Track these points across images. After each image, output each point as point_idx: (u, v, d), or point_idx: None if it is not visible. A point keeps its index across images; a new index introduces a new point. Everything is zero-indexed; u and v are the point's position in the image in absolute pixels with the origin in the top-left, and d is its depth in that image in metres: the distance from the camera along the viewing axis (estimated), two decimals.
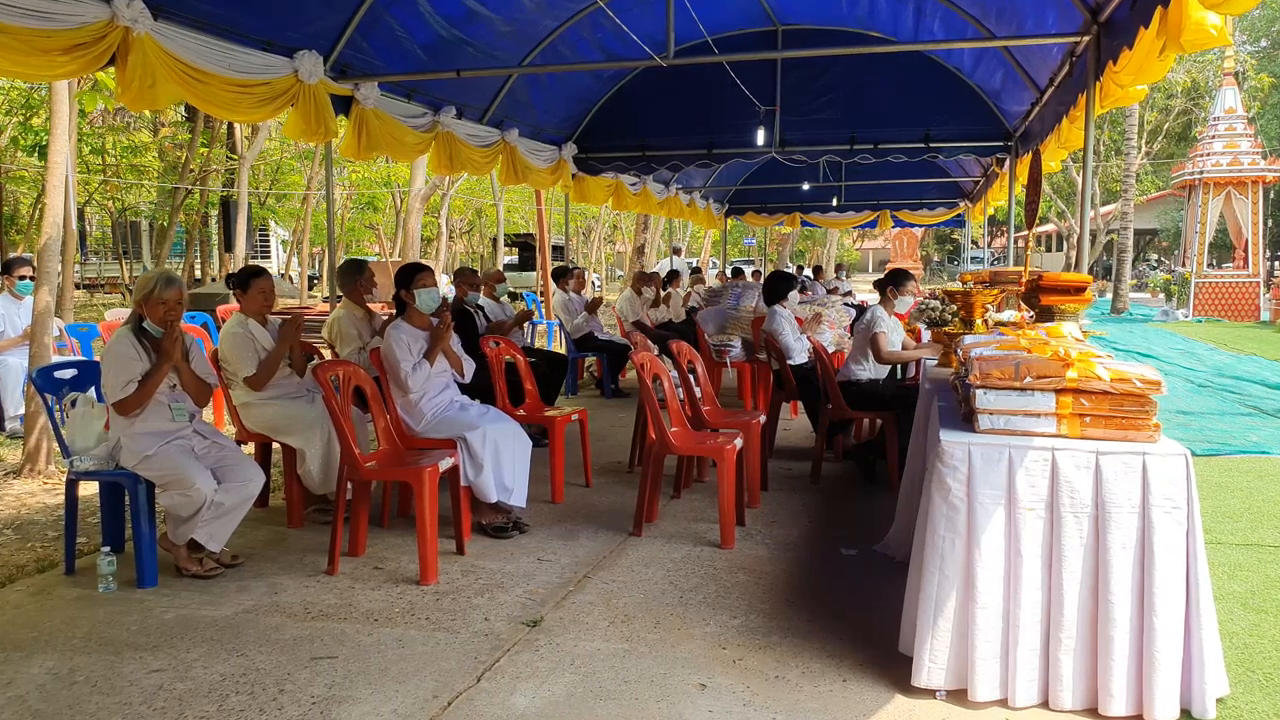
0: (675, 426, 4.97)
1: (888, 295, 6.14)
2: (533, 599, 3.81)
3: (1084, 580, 2.87)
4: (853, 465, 6.32)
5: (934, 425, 3.63)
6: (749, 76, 8.72)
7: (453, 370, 4.96)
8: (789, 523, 4.96)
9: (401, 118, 6.88)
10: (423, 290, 4.84)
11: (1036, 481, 2.89)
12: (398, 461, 4.30)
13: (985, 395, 3.02)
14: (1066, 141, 6.03)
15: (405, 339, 4.74)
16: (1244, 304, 19.76)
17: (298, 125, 5.77)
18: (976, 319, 4.65)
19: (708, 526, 4.82)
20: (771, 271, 8.25)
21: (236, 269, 5.48)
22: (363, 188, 22.45)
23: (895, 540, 4.44)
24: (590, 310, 9.61)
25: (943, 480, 2.97)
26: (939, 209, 16.64)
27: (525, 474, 4.75)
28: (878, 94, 9.10)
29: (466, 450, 4.55)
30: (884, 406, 5.79)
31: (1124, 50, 4.16)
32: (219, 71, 5.00)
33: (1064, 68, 5.81)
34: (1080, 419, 2.95)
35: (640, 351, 4.95)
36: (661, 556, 4.35)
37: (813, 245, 42.63)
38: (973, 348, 3.57)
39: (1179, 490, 2.80)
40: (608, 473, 6.09)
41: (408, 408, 4.75)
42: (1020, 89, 7.51)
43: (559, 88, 8.99)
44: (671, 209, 13.59)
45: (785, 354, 6.50)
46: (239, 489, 4.06)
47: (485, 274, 8.54)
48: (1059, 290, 4.30)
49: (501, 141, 8.38)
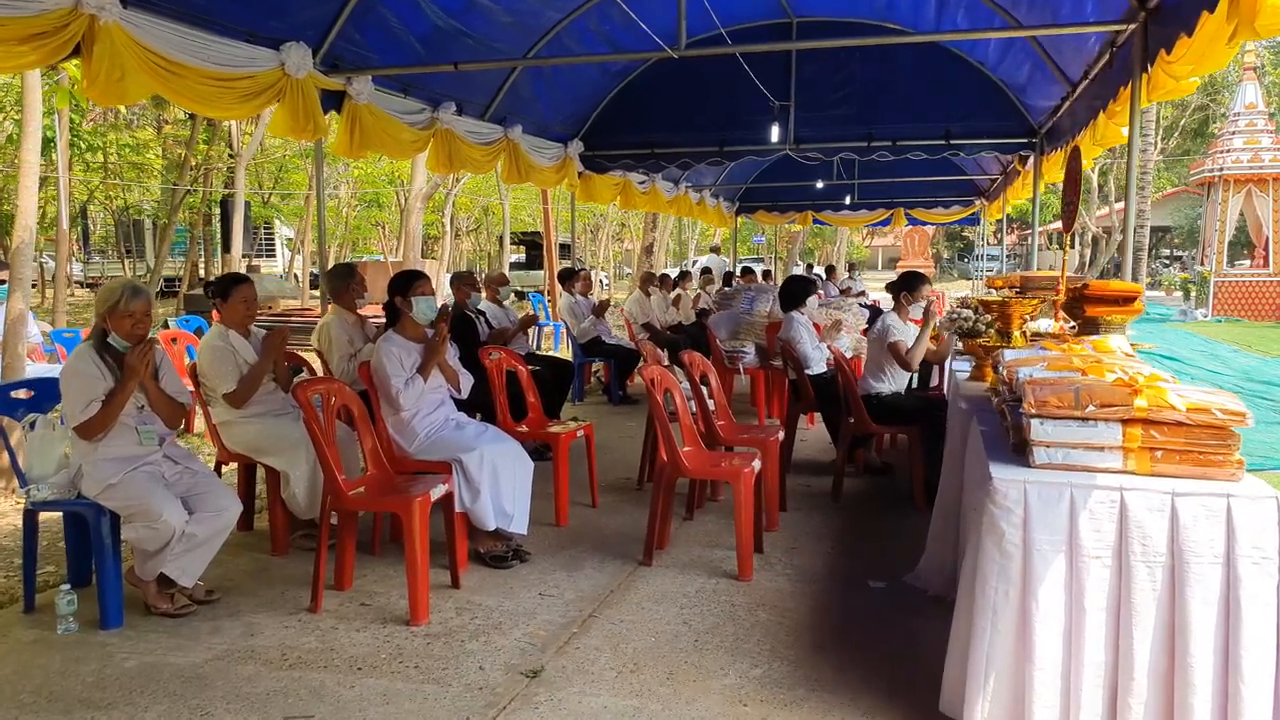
0: (688, 445, 4.62)
1: (901, 301, 5.78)
2: (533, 643, 3.46)
3: (1157, 639, 2.52)
4: (876, 481, 5.97)
5: (975, 452, 3.28)
6: (762, 71, 8.35)
7: (448, 386, 4.62)
8: (810, 549, 4.61)
9: (397, 114, 6.54)
10: (420, 299, 4.50)
11: (1102, 526, 2.54)
12: (386, 488, 3.96)
13: (1042, 426, 2.66)
14: (1103, 138, 5.66)
15: (396, 352, 4.40)
16: (1265, 303, 19.30)
17: (285, 122, 5.44)
18: (1014, 330, 4.28)
19: (724, 554, 4.47)
20: (789, 276, 7.90)
21: (229, 270, 5.14)
22: (366, 185, 22.14)
23: (927, 571, 4.09)
24: (597, 313, 9.28)
25: (995, 523, 2.61)
26: (954, 207, 16.27)
27: (527, 498, 4.42)
28: (896, 90, 8.73)
29: (462, 473, 4.21)
30: (908, 420, 5.43)
31: (1180, 37, 3.79)
32: (196, 64, 4.66)
33: (1102, 59, 5.44)
34: (1150, 453, 2.60)
35: (650, 364, 4.60)
36: (674, 591, 4.00)
37: (822, 243, 42.22)
38: (1017, 366, 3.22)
39: (1270, 538, 2.44)
40: (615, 490, 5.75)
41: (399, 427, 4.41)
42: (1049, 83, 7.13)
43: (564, 83, 8.64)
44: (681, 207, 13.23)
45: (803, 363, 6.14)
46: (213, 519, 3.72)
47: (488, 276, 8.21)
48: (1106, 300, 3.95)
49: (504, 139, 8.03)
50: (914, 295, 5.89)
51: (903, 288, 5.98)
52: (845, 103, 8.82)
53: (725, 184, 14.63)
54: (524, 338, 7.89)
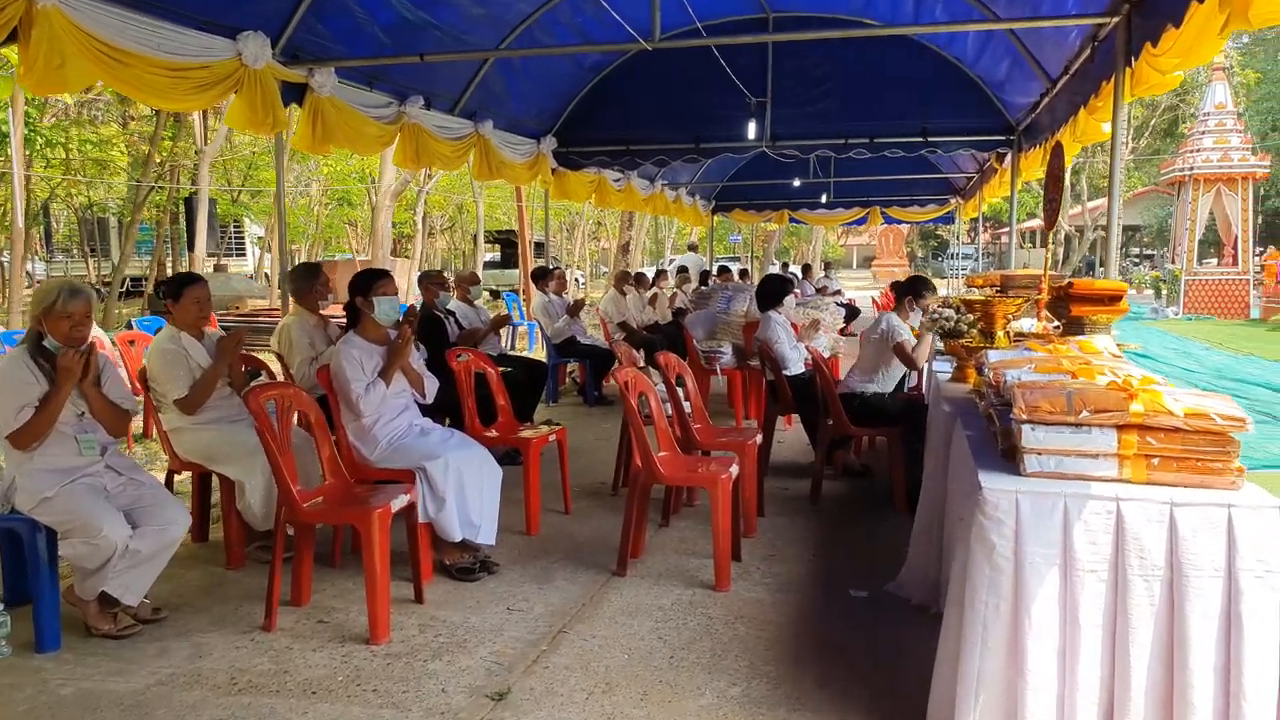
0: (663, 451, 4.46)
1: (905, 305, 5.63)
2: (499, 662, 3.29)
3: (1155, 656, 2.39)
4: (855, 483, 5.84)
5: (960, 458, 3.14)
6: (739, 67, 8.22)
7: (413, 390, 4.43)
8: (789, 556, 4.46)
9: (362, 108, 6.34)
10: (383, 299, 4.30)
11: (1098, 538, 2.41)
12: (345, 499, 3.77)
13: (1033, 432, 2.53)
14: (1083, 134, 5.57)
15: (357, 355, 4.21)
16: (1234, 301, 19.45)
17: (242, 114, 5.22)
18: (997, 330, 4.16)
19: (700, 563, 4.31)
20: (766, 275, 7.75)
21: (192, 270, 4.90)
22: (336, 182, 21.78)
23: (910, 580, 3.96)
24: (572, 313, 9.08)
25: (985, 535, 2.47)
26: (930, 205, 16.25)
27: (494, 507, 4.23)
28: (873, 87, 8.64)
29: (426, 482, 4.02)
30: (889, 422, 5.31)
31: (1167, 29, 3.69)
32: (146, 52, 4.44)
33: (1082, 54, 5.34)
34: (1146, 460, 2.47)
35: (625, 366, 4.43)
36: (648, 603, 3.84)
37: (798, 242, 42.24)
38: (1004, 368, 3.10)
39: (1273, 550, 2.32)
40: (589, 495, 5.58)
41: (360, 434, 4.22)
42: (1028, 79, 7.05)
43: (537, 78, 8.46)
44: (657, 206, 13.08)
45: (781, 364, 6.00)
46: (159, 534, 3.51)
47: (458, 275, 8.01)
48: (1091, 299, 3.83)
49: (474, 134, 7.84)
50: (919, 301, 5.73)
51: (909, 291, 5.81)
52: (822, 100, 8.71)
53: (701, 182, 14.49)
54: (496, 338, 7.70)
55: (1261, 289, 18.97)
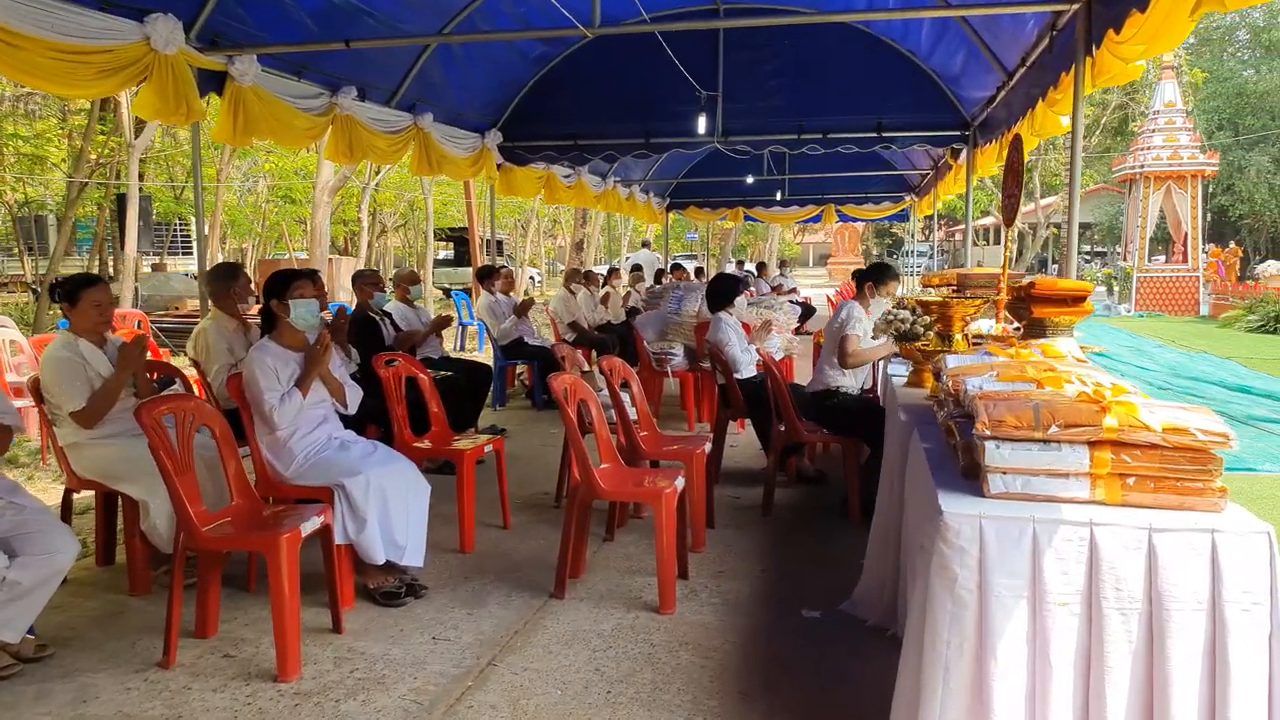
0: (605, 462, 4.19)
1: (865, 292, 5.38)
2: (419, 701, 2.99)
3: (1134, 698, 2.17)
4: (809, 491, 5.62)
5: (918, 473, 2.91)
6: (690, 61, 7.96)
7: (333, 400, 4.11)
8: (739, 572, 4.22)
9: (290, 98, 5.97)
10: (299, 302, 3.97)
11: (1070, 568, 2.18)
12: (252, 522, 3.44)
13: (998, 449, 2.29)
14: (1041, 128, 5.40)
15: (271, 363, 3.87)
16: (1184, 298, 19.69)
17: (151, 103, 4.84)
18: (955, 333, 3.95)
19: (645, 581, 4.05)
20: (716, 274, 7.51)
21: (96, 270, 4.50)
22: (282, 178, 21.16)
23: (864, 599, 3.73)
24: (519, 313, 8.76)
25: (946, 565, 2.23)
26: (884, 203, 16.15)
27: (422, 526, 3.93)
28: (827, 81, 8.45)
29: (346, 500, 3.70)
30: (850, 428, 5.05)
31: (1132, 14, 3.49)
32: (39, 34, 4.06)
33: (1040, 44, 5.17)
34: (1121, 480, 2.25)
35: (563, 373, 4.15)
36: (587, 629, 3.56)
37: (754, 240, 42.20)
38: (963, 375, 2.87)
39: (1260, 580, 2.10)
40: (531, 507, 5.29)
41: (275, 448, 3.89)
42: (984, 72, 6.88)
43: (479, 69, 8.13)
44: (609, 203, 12.79)
45: (732, 367, 5.76)
46: (42, 564, 3.16)
47: (397, 274, 7.65)
48: (1054, 300, 3.63)
49: (413, 127, 7.49)
50: (880, 289, 5.50)
51: (869, 277, 5.54)
52: (775, 94, 8.50)
53: (655, 179, 14.23)
54: (437, 340, 7.36)
55: (1210, 286, 19.22)
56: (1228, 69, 32.78)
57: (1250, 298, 16.86)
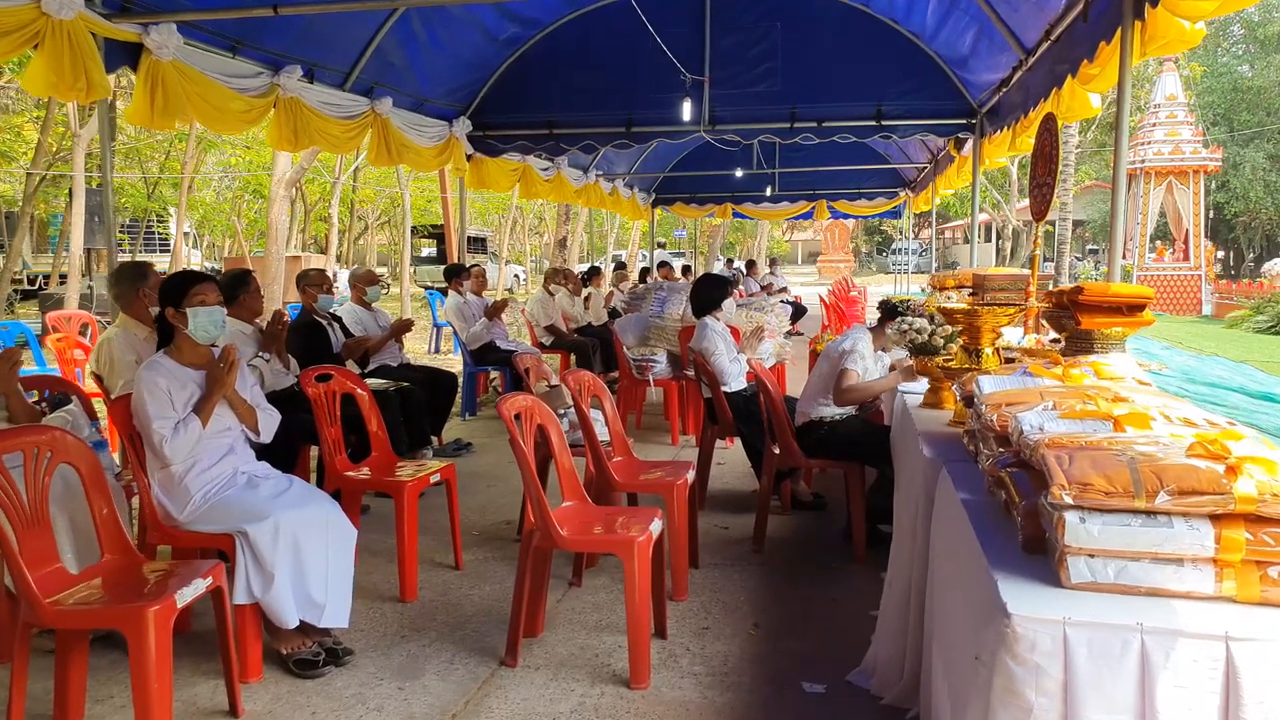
0: (567, 500, 3.54)
1: (882, 328, 4.43)
2: None
3: None
4: (806, 520, 4.98)
5: (957, 537, 2.27)
6: (674, 43, 7.31)
7: (244, 427, 3.44)
8: (726, 629, 3.57)
9: (222, 77, 5.28)
10: (199, 310, 3.31)
11: (1198, 700, 1.54)
12: (122, 585, 2.77)
13: (1084, 523, 1.65)
14: (1068, 110, 4.76)
15: (164, 384, 3.21)
16: (1186, 297, 19.16)
17: (43, 76, 4.14)
18: (984, 346, 3.31)
19: (616, 640, 3.41)
20: (701, 275, 6.85)
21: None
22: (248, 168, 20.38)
23: (877, 670, 3.09)
24: (490, 315, 8.09)
25: (1016, 691, 1.59)
26: (878, 199, 15.54)
27: (346, 579, 3.27)
28: (822, 65, 7.81)
29: (249, 550, 3.05)
30: (850, 452, 4.41)
31: None
32: None
33: (1070, 12, 4.53)
34: (1259, 570, 1.62)
35: (517, 395, 3.49)
36: (540, 711, 2.91)
37: (743, 237, 41.54)
38: (1011, 407, 2.25)
39: None
40: (491, 540, 4.63)
41: (167, 485, 3.23)
42: (996, 52, 6.25)
43: (444, 51, 7.44)
44: (590, 198, 12.12)
45: (718, 378, 5.12)
46: None
47: (353, 274, 6.99)
48: (1106, 309, 3.00)
49: (370, 113, 6.79)
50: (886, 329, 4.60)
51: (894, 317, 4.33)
52: (766, 78, 7.84)
53: (640, 173, 13.56)
54: (396, 346, 6.70)
55: (1214, 284, 18.68)
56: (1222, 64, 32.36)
57: (1256, 297, 16.32)
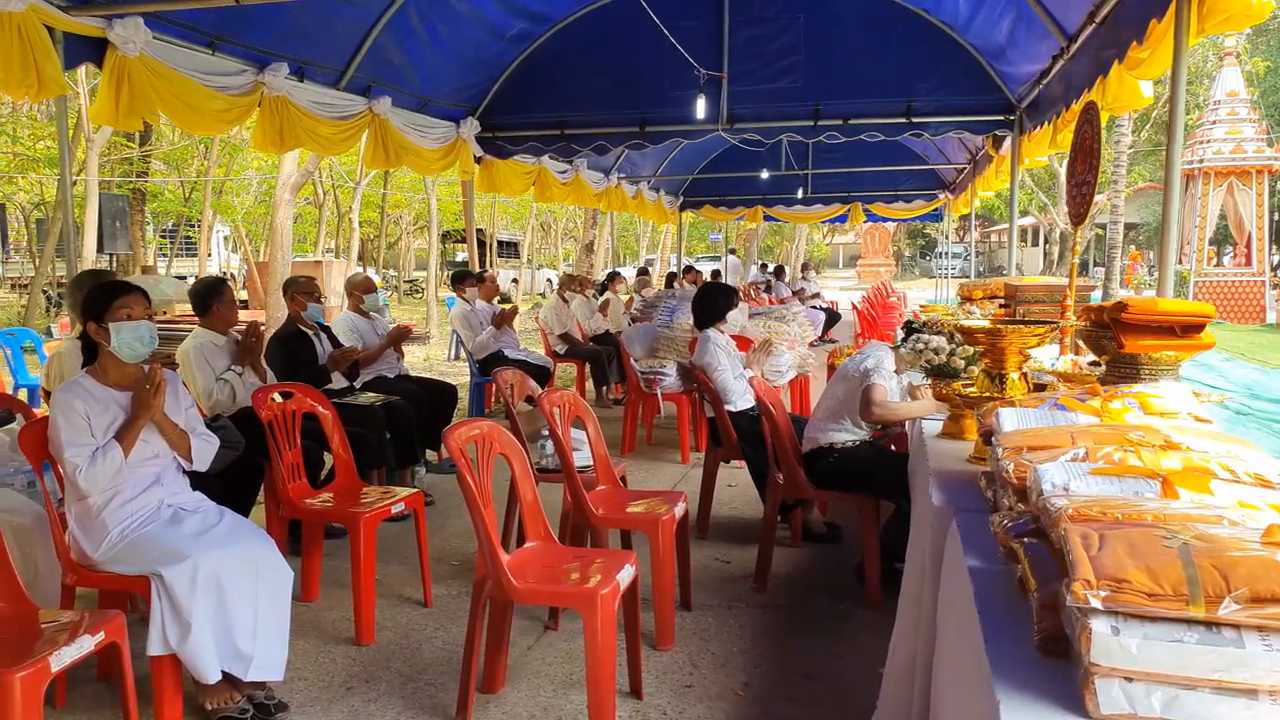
0: (531, 540, 3.14)
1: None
2: None
3: None
4: (816, 554, 4.53)
5: (959, 623, 1.84)
6: (690, 37, 6.92)
7: (175, 454, 3.10)
8: (712, 687, 3.14)
9: (198, 74, 5.00)
10: (123, 325, 2.98)
11: None
12: (5, 640, 2.42)
13: (1119, 635, 1.21)
14: (1115, 99, 4.28)
15: (82, 408, 2.88)
16: (1248, 305, 18.17)
17: None
18: (1009, 370, 2.84)
19: (584, 701, 2.99)
20: (702, 285, 6.43)
21: None
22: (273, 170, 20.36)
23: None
24: (498, 324, 7.74)
25: None
26: (916, 201, 14.94)
27: (281, 626, 2.91)
28: (848, 59, 7.39)
29: (165, 594, 2.70)
30: (861, 483, 3.95)
31: None
32: None
33: None
34: None
35: (476, 421, 3.10)
36: None
37: (781, 240, 40.92)
38: (1030, 453, 1.84)
39: None
40: (470, 572, 4.23)
41: (84, 519, 2.90)
42: (1035, 40, 5.75)
43: (447, 49, 7.11)
44: (612, 201, 11.74)
45: (722, 397, 4.69)
46: None
47: (350, 281, 6.67)
48: (1155, 329, 2.53)
49: (367, 113, 6.49)
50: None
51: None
52: (788, 73, 7.41)
53: (666, 175, 13.16)
54: (395, 356, 6.36)
55: (1278, 291, 17.71)
56: None
57: None
